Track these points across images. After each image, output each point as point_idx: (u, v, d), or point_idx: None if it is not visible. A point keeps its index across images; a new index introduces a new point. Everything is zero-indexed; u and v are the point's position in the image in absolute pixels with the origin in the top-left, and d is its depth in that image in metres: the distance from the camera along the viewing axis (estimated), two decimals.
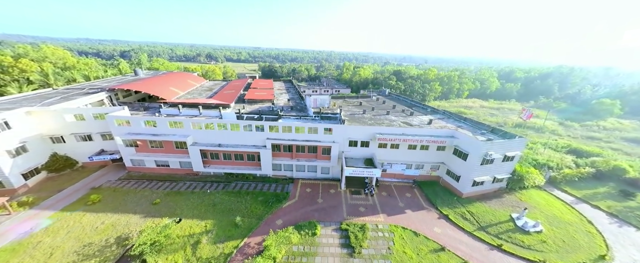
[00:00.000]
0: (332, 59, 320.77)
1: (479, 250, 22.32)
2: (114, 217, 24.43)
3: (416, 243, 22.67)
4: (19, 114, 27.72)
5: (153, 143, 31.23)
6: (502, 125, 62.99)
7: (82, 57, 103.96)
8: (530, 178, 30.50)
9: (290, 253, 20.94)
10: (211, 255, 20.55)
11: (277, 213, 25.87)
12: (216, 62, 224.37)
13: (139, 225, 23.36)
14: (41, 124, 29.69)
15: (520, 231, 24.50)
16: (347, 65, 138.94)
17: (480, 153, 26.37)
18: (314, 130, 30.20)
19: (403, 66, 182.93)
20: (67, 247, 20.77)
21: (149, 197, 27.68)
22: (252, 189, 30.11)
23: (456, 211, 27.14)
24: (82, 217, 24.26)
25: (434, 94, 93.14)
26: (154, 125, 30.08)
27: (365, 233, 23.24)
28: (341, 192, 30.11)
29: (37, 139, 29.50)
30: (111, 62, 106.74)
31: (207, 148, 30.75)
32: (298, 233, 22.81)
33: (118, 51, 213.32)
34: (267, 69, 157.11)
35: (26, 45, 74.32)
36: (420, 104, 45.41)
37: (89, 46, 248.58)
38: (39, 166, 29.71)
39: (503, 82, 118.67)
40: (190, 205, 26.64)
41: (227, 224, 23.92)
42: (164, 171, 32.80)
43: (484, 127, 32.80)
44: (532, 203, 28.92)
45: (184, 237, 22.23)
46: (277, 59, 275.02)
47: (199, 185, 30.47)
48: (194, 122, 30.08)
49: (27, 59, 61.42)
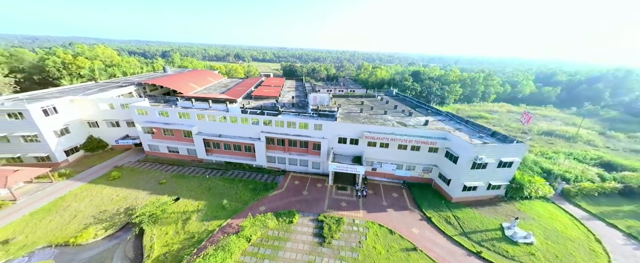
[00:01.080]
0: (354, 59, 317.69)
1: (454, 254, 21.67)
2: (127, 191, 28.64)
3: (389, 240, 22.79)
4: (64, 101, 33.74)
5: (166, 131, 35.46)
6: (526, 132, 57.70)
7: (126, 56, 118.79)
8: (532, 188, 28.16)
9: (265, 237, 22.66)
10: (197, 230, 23.18)
11: (263, 201, 27.81)
12: (243, 61, 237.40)
13: (144, 199, 27.12)
14: (81, 110, 35.67)
15: (508, 241, 23.07)
16: (365, 66, 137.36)
17: (470, 157, 25.31)
18: (304, 126, 31.60)
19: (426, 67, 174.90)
20: (88, 212, 25.10)
21: (158, 178, 31.68)
22: (246, 178, 32.59)
23: (441, 214, 26.38)
24: (103, 189, 28.88)
25: (454, 96, 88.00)
26: (166, 115, 34.20)
27: (340, 226, 23.98)
28: (327, 187, 31.05)
29: (77, 123, 35.53)
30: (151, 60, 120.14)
31: (209, 138, 34.00)
32: (276, 220, 24.45)
33: (160, 51, 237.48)
34: (288, 68, 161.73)
35: (83, 45, 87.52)
36: (425, 104, 43.93)
37: (137, 47, 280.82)
38: (78, 145, 35.76)
39: (540, 85, 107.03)
40: (189, 187, 29.93)
41: (216, 206, 26.53)
42: (174, 156, 36.95)
43: (485, 131, 30.99)
44: (532, 214, 26.78)
45: (178, 213, 25.29)
46: (300, 58, 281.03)
47: (201, 171, 33.86)
48: (199, 113, 33.50)
49: (83, 57, 72.60)
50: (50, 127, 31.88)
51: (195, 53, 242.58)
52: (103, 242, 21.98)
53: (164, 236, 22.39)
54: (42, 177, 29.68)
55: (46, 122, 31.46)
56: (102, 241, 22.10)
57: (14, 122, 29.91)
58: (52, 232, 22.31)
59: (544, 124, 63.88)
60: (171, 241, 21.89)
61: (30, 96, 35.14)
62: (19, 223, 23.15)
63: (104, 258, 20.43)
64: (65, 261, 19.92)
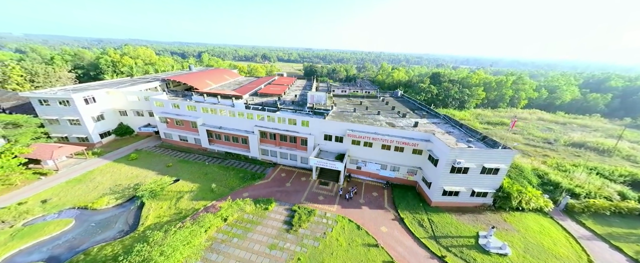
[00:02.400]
0: (379, 60, 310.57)
1: (417, 256, 21.60)
2: (139, 170, 33.60)
3: (354, 235, 23.51)
4: (101, 92, 40.54)
5: (177, 121, 40.34)
6: (552, 142, 52.01)
7: (168, 56, 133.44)
8: (522, 199, 26.17)
9: (240, 219, 25.10)
10: (185, 207, 26.57)
11: (248, 188, 30.42)
12: (268, 61, 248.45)
13: (150, 178, 31.63)
14: (114, 101, 42.38)
15: (480, 250, 22.14)
16: (384, 67, 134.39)
17: (448, 160, 24.68)
18: (293, 122, 33.52)
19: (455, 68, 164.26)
20: (106, 184, 30.28)
21: (166, 161, 36.38)
22: (239, 167, 35.66)
23: (416, 216, 26.11)
24: (122, 167, 34.29)
25: (475, 100, 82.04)
26: (177, 107, 38.96)
27: (311, 217, 25.36)
28: (311, 181, 32.52)
29: (111, 111, 42.31)
30: (185, 60, 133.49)
31: (212, 129, 37.86)
32: (254, 205, 26.78)
33: (197, 52, 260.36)
34: (309, 68, 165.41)
35: (129, 46, 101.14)
36: (426, 107, 42.65)
37: (178, 48, 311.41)
38: (110, 130, 42.57)
39: (586, 91, 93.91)
40: (190, 171, 33.91)
41: (206, 189, 29.84)
42: (184, 144, 41.76)
43: (476, 135, 29.53)
44: (519, 226, 25.03)
45: (175, 192, 29.10)
46: (324, 59, 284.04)
47: (203, 159, 37.89)
48: (204, 106, 37.54)
49: (128, 57, 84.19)
50: (89, 114, 38.70)
51: (227, 54, 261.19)
52: (112, 209, 26.54)
53: (159, 209, 26.17)
54: (79, 154, 36.28)
55: (86, 109, 38.29)
56: (112, 208, 26.70)
57: (63, 108, 37.04)
58: (77, 197, 27.60)
59: (577, 135, 56.60)
60: (163, 214, 25.53)
61: (76, 88, 42.84)
62: (56, 188, 29.03)
63: (110, 222, 24.79)
64: (82, 220, 24.66)
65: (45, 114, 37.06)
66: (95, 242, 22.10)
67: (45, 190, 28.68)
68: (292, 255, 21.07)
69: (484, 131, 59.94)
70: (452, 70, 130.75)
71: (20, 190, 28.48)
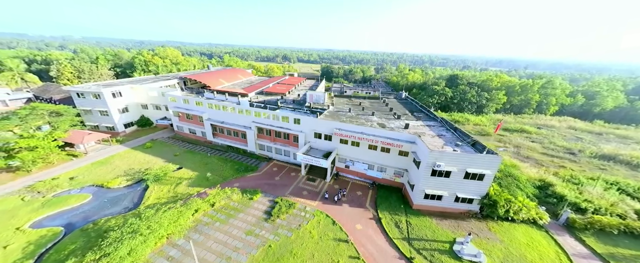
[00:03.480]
0: (401, 61, 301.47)
1: (385, 255, 21.78)
2: (150, 157, 37.79)
3: (327, 229, 24.32)
4: (126, 87, 46.13)
5: (187, 116, 44.34)
6: (575, 153, 47.13)
7: (197, 56, 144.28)
8: (511, 208, 24.69)
9: (226, 205, 27.30)
10: (181, 192, 29.55)
11: (239, 179, 32.69)
12: (289, 62, 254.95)
13: (158, 164, 35.47)
14: (137, 95, 47.86)
15: (452, 255, 21.60)
16: (400, 68, 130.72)
17: (428, 162, 24.34)
18: (285, 119, 35.15)
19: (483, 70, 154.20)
20: (122, 167, 34.67)
21: (175, 151, 40.31)
22: (236, 159, 38.25)
23: (394, 217, 26.07)
24: (137, 154, 38.83)
25: (495, 104, 76.62)
26: (187, 102, 42.88)
27: (290, 209, 26.68)
28: (299, 177, 33.83)
29: (134, 105, 47.85)
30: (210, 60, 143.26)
31: (215, 123, 41.05)
32: (241, 195, 28.88)
33: (223, 52, 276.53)
34: (326, 69, 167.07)
35: (159, 47, 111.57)
36: (426, 109, 41.53)
37: (207, 49, 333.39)
38: (133, 121, 48.15)
39: (635, 98, 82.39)
40: (192, 161, 37.28)
41: (203, 178, 32.72)
42: (192, 137, 45.72)
43: (467, 139, 28.40)
44: (504, 237, 23.76)
45: (175, 178, 32.39)
46: (343, 60, 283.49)
47: (206, 150, 41.24)
48: (209, 102, 40.86)
49: (157, 57, 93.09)
50: (116, 106, 44.32)
51: (250, 54, 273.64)
52: (123, 189, 30.47)
53: (160, 192, 29.47)
54: (105, 140, 41.76)
55: (114, 102, 43.90)
56: (123, 188, 30.65)
57: (95, 100, 42.95)
58: (97, 177, 32.13)
59: (610, 146, 50.40)
60: (162, 196, 28.72)
61: (106, 83, 49.11)
62: (83, 168, 34.03)
63: (119, 199, 28.56)
64: (98, 196, 28.77)
65: (81, 105, 43.31)
66: (104, 214, 25.78)
67: (74, 169, 33.81)
68: (264, 241, 22.58)
69: (497, 137, 56.28)
70: (473, 72, 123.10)
71: (55, 168, 33.93)
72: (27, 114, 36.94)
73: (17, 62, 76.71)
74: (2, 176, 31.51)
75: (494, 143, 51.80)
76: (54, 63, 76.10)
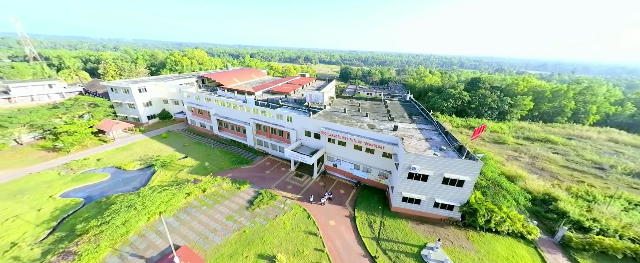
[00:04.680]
0: (428, 63, 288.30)
1: (350, 251, 22.27)
2: (164, 146, 42.55)
3: (301, 222, 25.48)
4: (151, 84, 52.29)
5: (199, 111, 48.80)
6: (604, 169, 41.74)
7: (225, 57, 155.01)
8: (492, 218, 23.31)
9: (216, 193, 29.95)
10: (181, 178, 33.03)
11: (233, 171, 35.39)
12: (311, 63, 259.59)
13: (167, 153, 39.86)
14: (160, 91, 53.91)
15: (418, 259, 21.30)
16: (420, 71, 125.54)
17: (404, 165, 24.19)
18: (279, 117, 37.07)
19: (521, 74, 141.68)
20: (139, 154, 39.69)
21: (185, 142, 44.75)
22: (236, 153, 41.22)
23: (369, 217, 26.27)
24: (154, 143, 43.98)
25: (520, 111, 70.14)
26: (199, 99, 47.25)
27: (271, 201, 28.39)
28: (288, 172, 35.45)
29: (157, 99, 53.98)
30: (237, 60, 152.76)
31: (221, 119, 44.66)
32: (231, 184, 31.40)
33: (250, 54, 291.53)
34: (345, 71, 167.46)
35: (189, 49, 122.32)
36: (425, 112, 40.31)
37: (235, 50, 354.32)
38: (155, 114, 54.33)
39: None
40: (198, 152, 41.13)
41: (202, 167, 36.08)
42: (202, 130, 50.12)
43: (455, 144, 27.33)
44: (482, 249, 22.61)
45: (179, 166, 36.22)
46: (366, 62, 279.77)
47: (212, 143, 45.03)
48: (216, 99, 44.60)
49: (186, 57, 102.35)
50: (142, 100, 50.56)
51: (274, 55, 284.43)
52: (135, 172, 35.02)
53: (164, 177, 33.34)
54: (130, 130, 47.92)
55: (140, 96, 50.15)
56: (136, 171, 35.22)
57: (125, 95, 49.52)
58: (118, 160, 37.32)
59: None
60: (165, 180, 32.48)
61: (134, 80, 56.03)
62: (109, 152, 39.72)
63: (131, 180, 32.95)
64: (116, 176, 33.55)
65: (114, 99, 50.30)
66: (116, 191, 30.11)
67: (102, 152, 39.65)
68: (241, 227, 24.56)
69: (514, 146, 51.86)
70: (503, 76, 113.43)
71: (88, 151, 40.12)
72: (72, 104, 44.20)
73: (75, 61, 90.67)
74: (48, 154, 38.29)
75: (508, 152, 48.04)
76: (102, 62, 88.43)
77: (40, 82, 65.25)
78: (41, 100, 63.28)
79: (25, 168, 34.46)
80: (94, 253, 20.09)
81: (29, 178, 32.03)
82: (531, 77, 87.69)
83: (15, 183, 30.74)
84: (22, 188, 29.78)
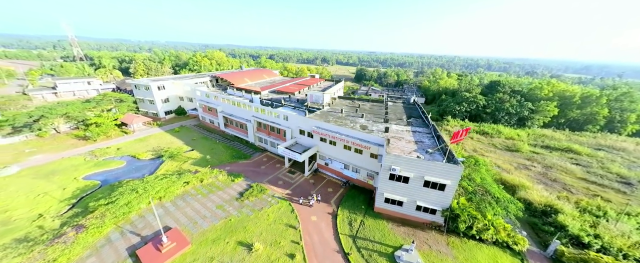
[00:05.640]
0: (451, 64, 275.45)
1: (325, 246, 22.96)
2: (175, 139, 46.41)
3: (284, 215, 26.66)
4: (169, 82, 57.10)
5: (208, 108, 52.32)
6: (631, 183, 37.64)
7: (245, 58, 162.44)
8: (475, 224, 22.50)
9: (212, 183, 32.28)
10: (185, 168, 36.00)
11: (232, 164, 37.68)
12: (327, 64, 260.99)
13: (176, 145, 43.45)
14: (176, 89, 58.63)
15: (389, 259, 21.38)
16: (436, 72, 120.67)
17: (385, 165, 24.33)
18: (276, 115, 38.69)
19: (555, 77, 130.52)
20: (152, 145, 43.79)
21: (193, 136, 48.35)
22: (237, 148, 43.69)
23: (351, 216, 26.68)
24: (166, 136, 48.12)
25: (542, 117, 64.84)
26: (208, 96, 50.70)
27: (260, 194, 29.97)
28: (282, 168, 36.89)
29: (173, 96, 58.77)
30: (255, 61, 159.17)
31: (226, 116, 47.55)
32: (226, 176, 33.60)
33: (269, 55, 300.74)
34: (359, 72, 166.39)
35: (209, 50, 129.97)
36: (425, 115, 39.39)
37: (255, 51, 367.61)
38: (171, 110, 59.16)
39: None
40: (203, 145, 44.28)
41: (204, 159, 38.90)
42: (211, 126, 53.61)
43: (441, 145, 26.70)
44: (460, 255, 21.98)
45: (185, 157, 39.41)
46: (384, 63, 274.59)
47: (218, 138, 48.08)
48: (222, 97, 47.58)
49: (206, 58, 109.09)
50: (159, 97, 55.45)
51: (292, 56, 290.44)
52: (147, 161, 38.78)
53: (170, 166, 36.58)
54: (148, 123, 52.80)
55: (158, 93, 55.04)
56: (147, 160, 39.00)
57: (146, 91, 54.68)
58: (134, 150, 41.57)
59: None
60: (170, 169, 35.63)
61: (154, 79, 61.40)
62: (127, 143, 44.34)
63: (142, 168, 36.63)
64: (129, 164, 37.49)
65: (137, 95, 55.74)
66: (128, 177, 33.74)
67: (122, 142, 44.39)
68: (228, 215, 26.40)
69: (528, 154, 48.37)
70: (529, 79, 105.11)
71: (111, 140, 45.13)
72: (100, 99, 49.92)
73: (112, 61, 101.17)
74: (79, 142, 43.78)
75: (518, 160, 45.10)
76: (133, 62, 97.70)
77: (80, 79, 74.22)
78: (80, 95, 71.92)
79: (59, 153, 39.85)
80: (99, 228, 23.09)
81: (61, 161, 37.07)
82: (559, 80, 79.86)
83: (49, 165, 35.81)
84: (54, 169, 34.65)
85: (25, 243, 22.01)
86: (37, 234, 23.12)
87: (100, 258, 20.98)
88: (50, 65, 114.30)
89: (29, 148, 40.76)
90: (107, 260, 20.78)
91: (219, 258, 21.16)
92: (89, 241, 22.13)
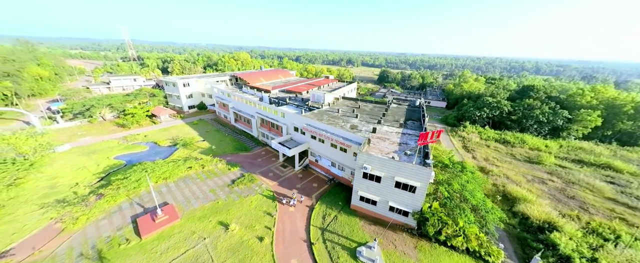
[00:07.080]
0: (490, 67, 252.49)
1: (294, 235, 24.42)
2: (191, 130, 52.20)
3: (265, 203, 28.82)
4: (193, 80, 64.07)
5: (223, 104, 57.47)
6: None
7: (271, 59, 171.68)
8: (443, 229, 21.76)
9: (211, 170, 36.04)
10: (193, 155, 40.61)
11: (232, 155, 41.29)
12: (352, 66, 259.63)
13: (191, 135, 48.91)
14: (199, 86, 65.43)
15: (350, 254, 21.97)
16: (464, 75, 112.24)
17: (358, 164, 24.90)
18: (275, 113, 41.24)
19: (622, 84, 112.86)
20: (173, 134, 49.94)
21: (207, 129, 53.68)
22: (241, 141, 47.43)
23: (326, 210, 27.69)
24: (185, 127, 54.30)
25: (582, 128, 56.73)
26: (223, 93, 55.75)
27: (249, 183, 32.65)
28: (276, 162, 39.25)
29: (196, 93, 65.68)
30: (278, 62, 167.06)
31: (236, 111, 51.86)
32: (226, 165, 37.15)
33: (295, 56, 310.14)
34: (382, 73, 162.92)
35: (245, 51, 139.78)
36: (424, 118, 38.21)
37: (283, 52, 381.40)
38: (195, 105, 66.16)
39: None
40: (213, 137, 49.05)
41: (210, 149, 43.27)
42: (224, 120, 58.73)
43: (426, 150, 26.08)
44: (426, 259, 21.57)
45: (195, 146, 44.30)
46: (413, 65, 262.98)
47: (228, 131, 52.65)
48: (234, 95, 51.99)
49: (233, 59, 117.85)
50: (184, 93, 62.58)
51: (317, 58, 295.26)
52: (165, 147, 44.55)
53: (181, 153, 41.62)
54: (173, 115, 60.01)
55: (183, 90, 62.18)
56: (165, 147, 44.77)
57: (173, 88, 62.21)
58: (157, 137, 48.01)
59: None
60: (181, 156, 40.56)
61: (182, 77, 69.08)
62: (154, 131, 51.27)
63: (160, 153, 42.27)
64: (151, 149, 43.54)
65: (166, 90, 63.69)
66: (147, 159, 39.41)
67: (149, 131, 51.50)
68: (216, 198, 29.53)
69: (551, 168, 43.24)
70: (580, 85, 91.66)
71: (141, 128, 52.63)
72: (137, 93, 58.32)
73: (155, 61, 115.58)
74: (117, 128, 52.01)
75: (536, 173, 40.82)
76: (171, 62, 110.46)
77: (128, 76, 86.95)
78: (128, 90, 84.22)
79: (101, 136, 48.01)
80: (114, 197, 28.00)
81: (101, 143, 44.75)
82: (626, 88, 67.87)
83: (92, 146, 43.53)
84: (95, 149, 42.08)
85: (62, 204, 27.76)
86: (71, 198, 28.91)
87: (111, 221, 25.54)
88: (111, 64, 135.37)
89: (80, 131, 49.89)
90: (115, 223, 25.24)
91: (200, 233, 24.12)
92: (104, 207, 27.04)
